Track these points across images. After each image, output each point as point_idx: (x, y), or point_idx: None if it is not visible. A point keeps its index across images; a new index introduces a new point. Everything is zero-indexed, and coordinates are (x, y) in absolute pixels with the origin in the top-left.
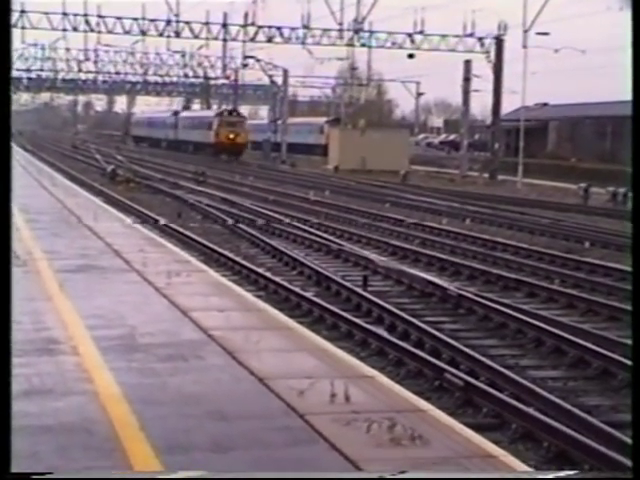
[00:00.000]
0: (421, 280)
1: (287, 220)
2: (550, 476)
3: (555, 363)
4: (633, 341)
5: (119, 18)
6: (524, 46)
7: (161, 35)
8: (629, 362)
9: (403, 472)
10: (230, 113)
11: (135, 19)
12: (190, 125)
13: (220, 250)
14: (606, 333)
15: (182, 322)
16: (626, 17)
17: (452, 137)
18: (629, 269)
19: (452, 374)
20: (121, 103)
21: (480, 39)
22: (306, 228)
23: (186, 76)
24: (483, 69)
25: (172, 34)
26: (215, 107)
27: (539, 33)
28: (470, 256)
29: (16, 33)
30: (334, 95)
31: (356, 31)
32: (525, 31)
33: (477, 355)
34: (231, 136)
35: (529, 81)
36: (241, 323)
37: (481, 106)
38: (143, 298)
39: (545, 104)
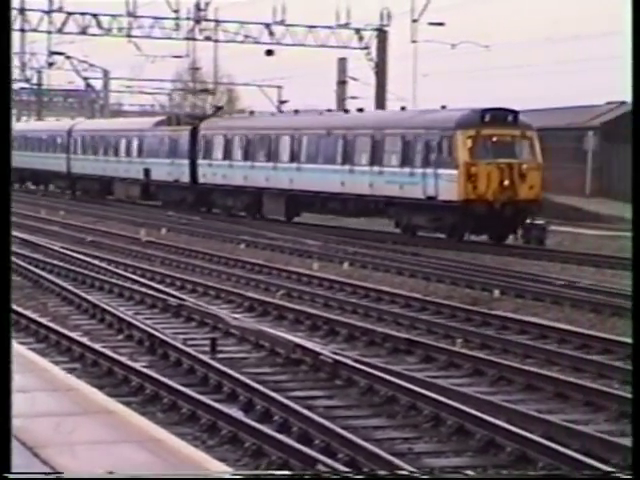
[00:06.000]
0: (287, 343)
1: (111, 267)
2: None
3: (458, 447)
4: (633, 343)
5: None
6: (413, 40)
7: None
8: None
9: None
10: (502, 120)
11: None
12: (364, 148)
13: (19, 309)
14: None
15: None
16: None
17: None
18: None
19: (326, 465)
20: None
21: (357, 31)
22: (136, 278)
23: None
24: (363, 69)
25: None
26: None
27: (432, 23)
28: (349, 310)
29: None
30: (171, 103)
31: (197, 20)
32: (414, 20)
33: (358, 440)
34: (506, 182)
35: (420, 84)
36: (47, 407)
37: None
38: None
39: None
